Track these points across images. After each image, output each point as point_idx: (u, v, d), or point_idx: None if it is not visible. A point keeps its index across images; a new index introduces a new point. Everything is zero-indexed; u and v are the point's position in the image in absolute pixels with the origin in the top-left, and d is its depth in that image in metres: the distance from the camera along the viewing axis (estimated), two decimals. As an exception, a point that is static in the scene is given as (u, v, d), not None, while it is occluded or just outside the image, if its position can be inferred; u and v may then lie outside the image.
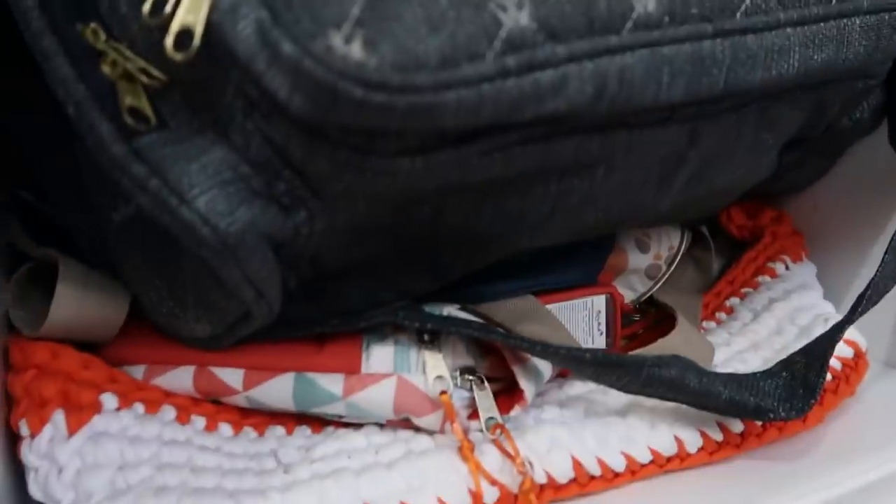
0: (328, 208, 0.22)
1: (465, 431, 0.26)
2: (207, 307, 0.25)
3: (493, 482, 0.24)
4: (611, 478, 0.26)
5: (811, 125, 0.31)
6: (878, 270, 0.27)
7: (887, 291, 0.27)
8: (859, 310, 0.27)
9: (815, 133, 0.32)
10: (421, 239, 0.26)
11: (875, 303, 0.27)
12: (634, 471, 0.26)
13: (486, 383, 0.26)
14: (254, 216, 0.21)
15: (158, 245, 0.24)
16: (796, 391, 0.26)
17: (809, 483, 0.28)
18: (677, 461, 0.27)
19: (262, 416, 0.27)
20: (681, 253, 0.38)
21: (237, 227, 0.20)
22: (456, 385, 0.26)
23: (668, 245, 0.38)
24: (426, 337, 0.27)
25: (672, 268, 0.38)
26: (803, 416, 0.26)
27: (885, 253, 0.27)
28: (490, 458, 0.25)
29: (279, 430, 0.27)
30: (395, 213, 0.24)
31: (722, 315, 0.35)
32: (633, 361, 0.25)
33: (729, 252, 0.41)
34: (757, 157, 0.30)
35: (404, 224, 0.24)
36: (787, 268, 0.36)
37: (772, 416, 0.25)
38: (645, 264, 0.38)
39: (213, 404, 0.27)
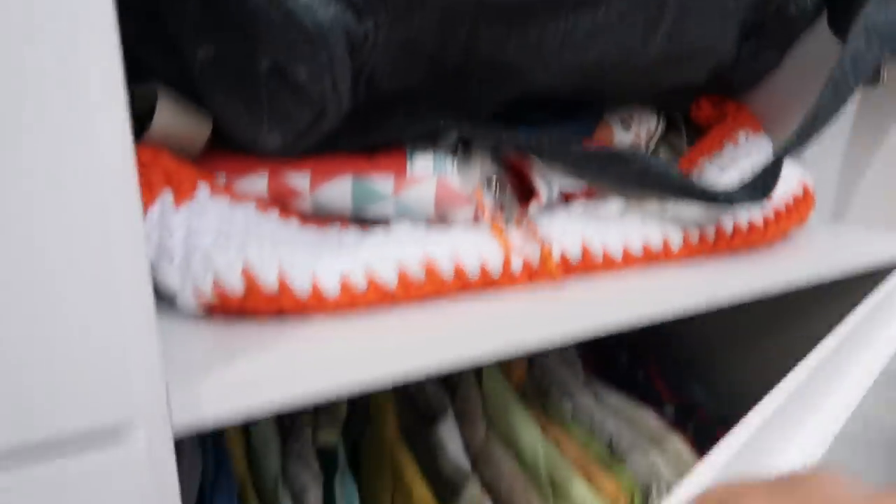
0: (390, 19, 0.28)
1: (494, 217, 0.31)
2: (280, 118, 0.30)
3: (518, 254, 0.30)
4: (610, 263, 0.32)
5: (764, 2, 0.38)
6: (816, 100, 0.33)
7: (827, 120, 0.34)
8: (803, 133, 0.33)
9: (768, 13, 0.39)
10: (456, 67, 0.31)
11: (817, 130, 0.34)
12: (629, 261, 0.32)
13: (508, 187, 0.32)
14: (338, 13, 0.26)
15: (237, 70, 0.29)
16: (757, 189, 0.32)
17: (764, 277, 0.34)
18: (663, 256, 0.33)
19: (320, 219, 0.32)
20: (657, 133, 0.45)
21: (328, 18, 0.26)
22: (484, 189, 0.32)
23: (646, 127, 0.45)
24: (460, 150, 0.32)
25: (651, 146, 0.45)
26: (764, 199, 0.32)
27: (824, 86, 0.33)
28: (515, 238, 0.31)
29: (336, 225, 0.32)
30: (438, 33, 0.29)
31: (693, 172, 0.41)
32: (632, 153, 0.31)
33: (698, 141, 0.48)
34: (722, 25, 0.37)
35: (444, 47, 0.30)
36: (747, 138, 0.43)
37: (737, 200, 0.32)
38: (628, 140, 0.44)
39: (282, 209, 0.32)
